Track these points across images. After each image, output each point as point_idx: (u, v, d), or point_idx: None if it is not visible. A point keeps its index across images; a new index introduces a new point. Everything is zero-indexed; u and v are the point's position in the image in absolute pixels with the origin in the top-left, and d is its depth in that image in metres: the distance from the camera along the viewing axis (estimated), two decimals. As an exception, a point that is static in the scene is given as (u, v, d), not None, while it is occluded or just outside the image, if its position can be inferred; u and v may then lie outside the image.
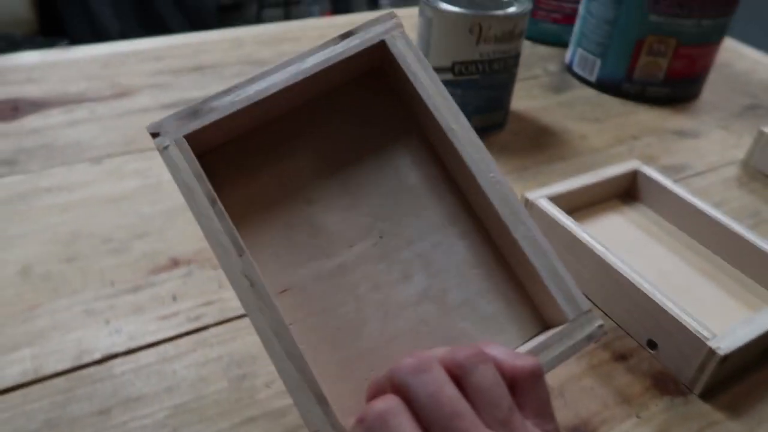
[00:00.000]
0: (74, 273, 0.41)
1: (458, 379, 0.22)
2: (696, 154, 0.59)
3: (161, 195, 0.49)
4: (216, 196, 0.25)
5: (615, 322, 0.40)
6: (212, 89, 0.64)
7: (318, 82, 0.29)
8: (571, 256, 0.42)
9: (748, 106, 0.69)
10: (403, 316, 0.28)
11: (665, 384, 0.36)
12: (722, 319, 0.40)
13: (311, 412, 0.23)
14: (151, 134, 0.26)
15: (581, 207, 0.48)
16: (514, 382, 0.22)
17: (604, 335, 0.39)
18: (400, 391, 0.21)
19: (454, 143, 0.27)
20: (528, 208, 0.45)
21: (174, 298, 0.40)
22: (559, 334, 0.26)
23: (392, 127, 0.30)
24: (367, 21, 0.29)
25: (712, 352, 0.34)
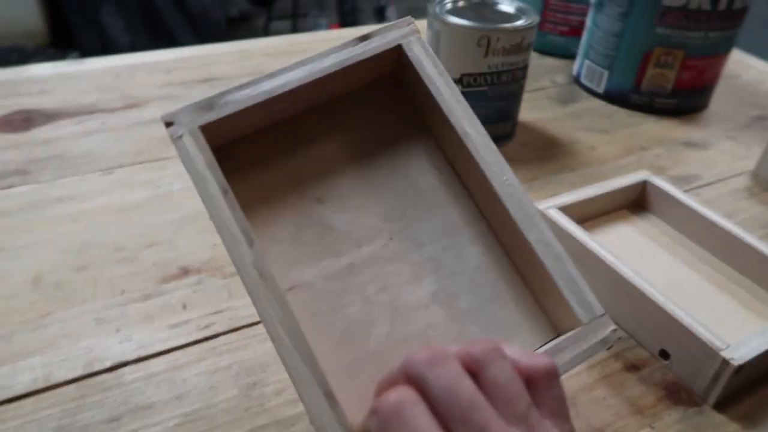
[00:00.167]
0: (85, 282, 0.41)
1: (474, 374, 0.21)
2: (705, 165, 0.59)
3: (171, 205, 0.49)
4: (228, 187, 0.25)
5: (626, 332, 0.40)
6: (222, 100, 0.65)
7: (334, 83, 0.29)
8: (581, 266, 0.42)
9: (756, 117, 0.69)
10: (412, 319, 0.27)
11: (678, 394, 0.36)
12: (735, 330, 0.39)
13: (317, 406, 0.22)
14: (165, 123, 0.26)
15: (591, 217, 0.48)
16: (530, 381, 0.22)
17: (618, 340, 0.39)
18: (415, 383, 0.20)
19: (468, 147, 0.28)
20: (537, 217, 0.45)
21: (184, 307, 0.40)
22: (572, 338, 0.26)
23: (405, 132, 0.30)
24: (384, 26, 0.29)
25: (725, 362, 0.34)
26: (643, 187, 0.49)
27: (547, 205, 0.45)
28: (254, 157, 0.29)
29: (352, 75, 0.29)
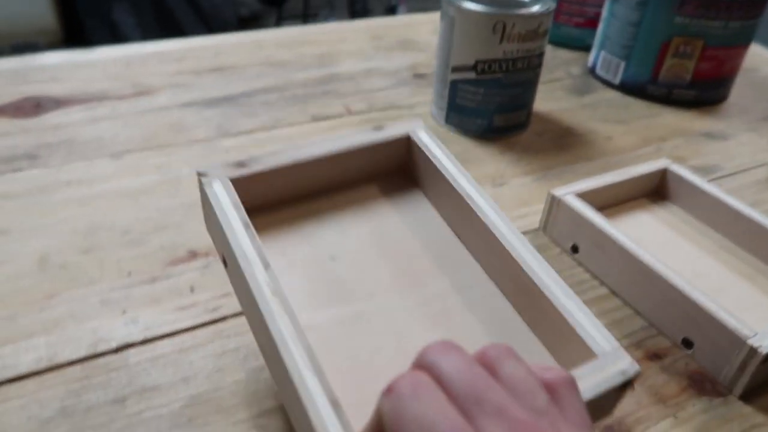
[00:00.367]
0: (92, 264, 0.40)
1: (489, 371, 0.20)
2: (725, 156, 0.57)
3: (180, 189, 0.48)
4: (249, 222, 0.27)
5: (648, 321, 0.38)
6: (233, 89, 0.64)
7: (351, 162, 0.33)
8: (600, 253, 0.41)
9: (777, 110, 0.67)
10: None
11: (702, 384, 0.34)
12: (761, 319, 0.38)
13: (323, 416, 0.21)
14: (199, 174, 0.29)
15: (609, 205, 0.47)
16: (549, 390, 0.20)
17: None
18: (428, 369, 0.20)
19: (474, 209, 0.30)
20: (555, 205, 0.44)
21: (192, 290, 0.39)
22: (589, 368, 0.25)
23: (415, 204, 0.34)
24: (396, 122, 0.35)
25: (753, 350, 0.32)
26: (663, 175, 0.48)
27: (565, 192, 0.44)
28: (275, 221, 0.32)
29: (368, 157, 0.33)
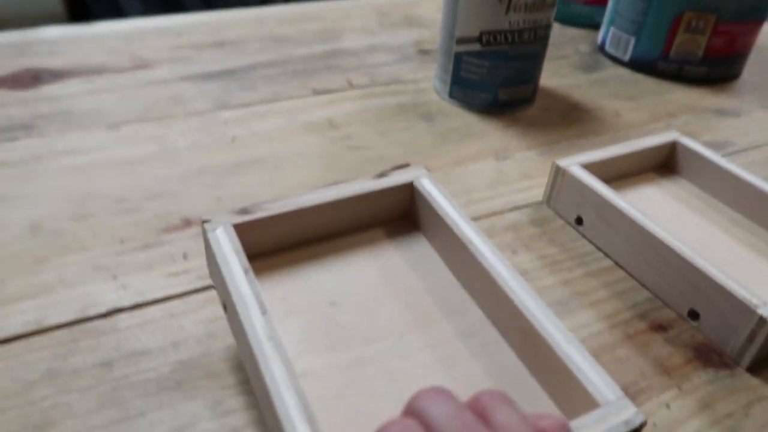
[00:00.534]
0: (84, 231, 0.40)
1: (481, 417, 0.20)
2: (738, 132, 0.56)
3: (177, 160, 0.47)
4: (249, 268, 0.27)
5: (652, 293, 0.37)
6: (233, 63, 0.63)
7: (355, 209, 0.33)
8: (605, 225, 0.40)
9: (792, 88, 0.65)
10: None
11: (709, 356, 0.33)
12: (771, 292, 0.36)
13: None
14: (203, 221, 0.30)
15: (615, 178, 0.46)
16: None
17: (643, 303, 0.36)
18: (418, 416, 0.19)
19: (476, 256, 0.30)
20: (559, 176, 0.43)
21: (185, 257, 0.38)
22: (591, 417, 0.23)
23: (419, 251, 0.34)
24: (400, 170, 0.35)
25: (762, 320, 0.31)
26: (673, 148, 0.47)
27: (570, 162, 0.42)
28: (277, 266, 0.32)
29: (371, 203, 0.34)
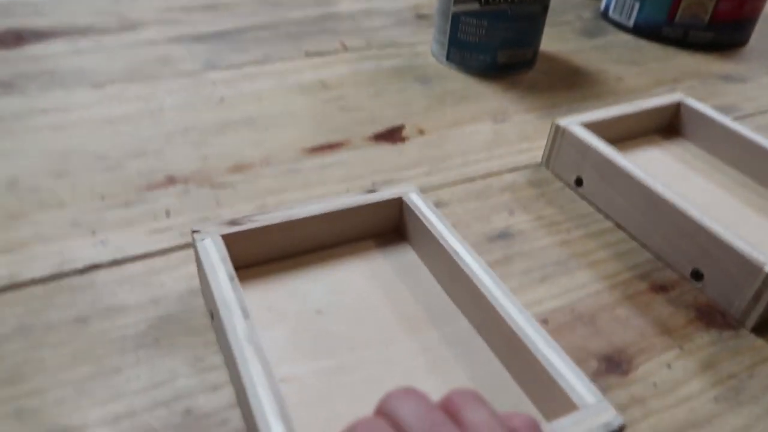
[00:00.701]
0: (63, 187, 0.38)
1: (451, 415, 0.19)
2: (744, 98, 0.54)
3: (163, 119, 0.46)
4: (235, 276, 0.27)
5: (654, 254, 0.36)
6: (223, 25, 0.61)
7: (344, 222, 0.33)
8: (606, 185, 0.38)
9: (800, 56, 0.63)
10: None
11: (712, 317, 0.32)
12: (778, 254, 0.35)
13: None
14: (192, 231, 0.30)
15: (618, 140, 0.44)
16: None
17: (644, 264, 0.35)
18: (389, 416, 0.19)
19: (462, 267, 0.29)
20: (559, 135, 0.41)
21: (167, 214, 0.36)
22: (569, 420, 0.23)
23: (406, 264, 0.33)
24: (390, 186, 0.35)
25: (769, 279, 0.30)
26: (677, 109, 0.45)
27: (570, 121, 0.41)
28: (265, 276, 0.32)
29: (361, 217, 0.33)
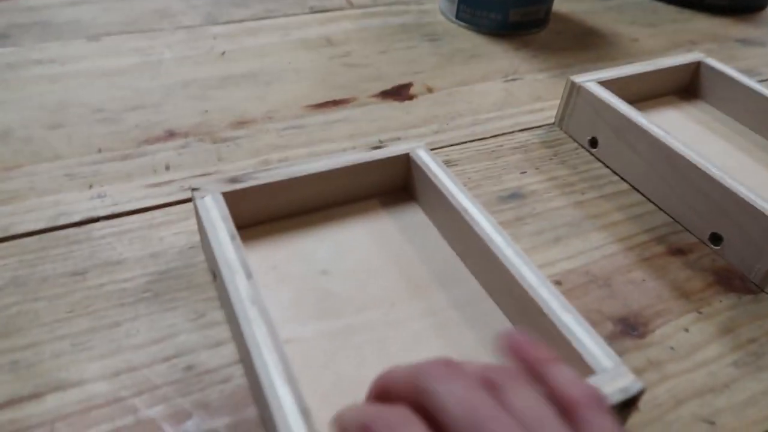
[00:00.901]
0: (59, 139, 0.37)
1: (494, 396, 0.17)
2: (764, 62, 0.52)
3: (161, 72, 0.44)
4: (237, 234, 0.26)
5: (672, 217, 0.34)
6: (225, -22, 0.59)
7: (349, 180, 0.31)
8: (622, 145, 0.37)
9: (821, 21, 0.61)
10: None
11: (731, 281, 0.31)
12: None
13: (292, 426, 0.19)
14: (192, 189, 0.28)
15: (634, 100, 0.42)
16: (568, 410, 0.17)
17: (661, 227, 0.34)
18: (423, 397, 0.17)
19: (472, 227, 0.28)
20: (574, 93, 0.39)
21: (167, 168, 0.35)
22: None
23: (413, 224, 0.32)
24: (397, 141, 0.33)
25: (793, 241, 0.29)
26: (696, 69, 0.43)
27: (586, 79, 0.39)
28: (269, 236, 0.30)
29: (366, 175, 0.32)
